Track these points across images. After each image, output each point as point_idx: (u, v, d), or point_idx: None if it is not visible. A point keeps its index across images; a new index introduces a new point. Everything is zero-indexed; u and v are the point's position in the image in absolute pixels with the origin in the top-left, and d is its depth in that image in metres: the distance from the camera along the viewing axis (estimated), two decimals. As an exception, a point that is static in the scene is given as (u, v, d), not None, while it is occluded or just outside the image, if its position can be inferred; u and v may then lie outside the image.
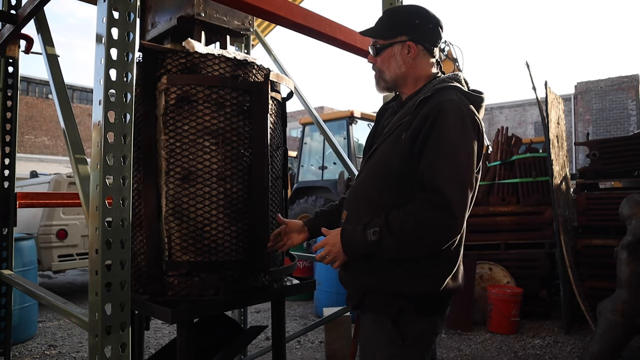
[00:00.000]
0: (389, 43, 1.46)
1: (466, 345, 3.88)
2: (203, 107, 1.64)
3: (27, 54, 2.60)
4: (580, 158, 18.45)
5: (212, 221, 1.64)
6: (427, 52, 1.45)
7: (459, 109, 1.28)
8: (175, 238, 1.61)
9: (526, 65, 4.31)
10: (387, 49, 1.46)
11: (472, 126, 1.29)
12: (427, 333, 1.36)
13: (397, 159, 1.32)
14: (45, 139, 20.49)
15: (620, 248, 2.98)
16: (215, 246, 1.64)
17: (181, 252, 1.61)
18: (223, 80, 1.68)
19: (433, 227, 1.22)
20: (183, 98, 1.63)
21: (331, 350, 3.37)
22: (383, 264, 1.34)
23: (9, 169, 2.58)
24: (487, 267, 4.64)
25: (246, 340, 2.14)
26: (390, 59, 1.46)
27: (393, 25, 1.47)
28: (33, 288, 2.11)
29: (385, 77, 1.49)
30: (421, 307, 1.34)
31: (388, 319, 1.33)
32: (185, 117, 1.63)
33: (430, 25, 1.45)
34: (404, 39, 1.44)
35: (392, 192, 1.34)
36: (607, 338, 2.90)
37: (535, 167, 4.84)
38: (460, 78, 1.43)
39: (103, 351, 1.29)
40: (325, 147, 8.34)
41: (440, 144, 1.25)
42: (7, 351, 2.61)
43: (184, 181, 1.62)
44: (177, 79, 1.64)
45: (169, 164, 1.63)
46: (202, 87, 1.64)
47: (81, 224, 5.68)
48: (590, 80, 18.93)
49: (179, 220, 1.61)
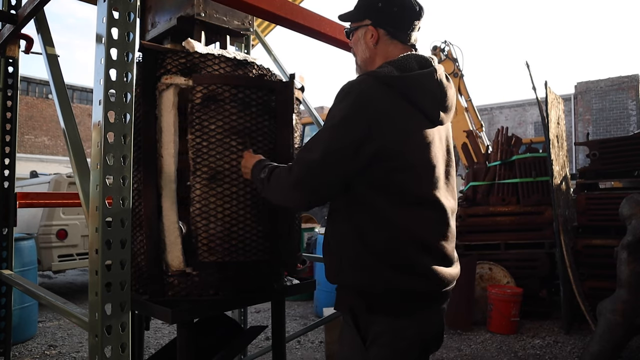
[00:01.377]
0: (355, 27, 1.44)
1: (466, 345, 3.88)
2: (229, 107, 1.64)
3: (27, 54, 2.60)
4: (580, 158, 18.45)
5: (240, 221, 1.63)
6: (391, 36, 1.38)
7: (349, 87, 1.26)
8: (202, 239, 1.61)
9: (526, 65, 4.31)
10: (354, 33, 1.45)
11: (352, 102, 1.22)
12: (386, 336, 1.24)
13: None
14: (45, 139, 20.50)
15: (620, 248, 2.98)
16: (242, 246, 1.64)
17: (208, 253, 1.60)
18: (249, 79, 1.70)
19: (283, 182, 1.32)
20: (209, 97, 1.62)
21: (331, 350, 3.37)
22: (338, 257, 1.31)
23: (9, 169, 2.58)
24: (487, 267, 4.64)
25: (246, 340, 2.14)
26: (357, 43, 1.44)
27: (360, 8, 1.43)
28: (33, 288, 2.11)
29: (357, 61, 1.48)
30: (375, 305, 1.26)
31: (348, 316, 1.31)
32: (212, 117, 1.63)
33: (395, 8, 1.36)
34: (367, 23, 1.40)
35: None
36: (607, 338, 2.90)
37: (535, 167, 4.84)
38: (407, 59, 1.31)
39: (103, 351, 1.29)
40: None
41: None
42: (7, 351, 2.60)
43: (211, 181, 1.61)
44: (202, 78, 1.64)
45: (195, 164, 1.62)
46: (228, 86, 1.64)
47: (81, 224, 5.68)
48: (590, 80, 18.93)
49: (206, 221, 1.61)
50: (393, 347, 1.25)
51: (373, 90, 1.23)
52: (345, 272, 1.30)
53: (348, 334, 1.32)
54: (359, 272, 1.26)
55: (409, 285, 1.25)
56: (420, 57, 1.34)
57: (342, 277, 1.32)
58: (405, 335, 1.26)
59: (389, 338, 1.25)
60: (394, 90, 1.24)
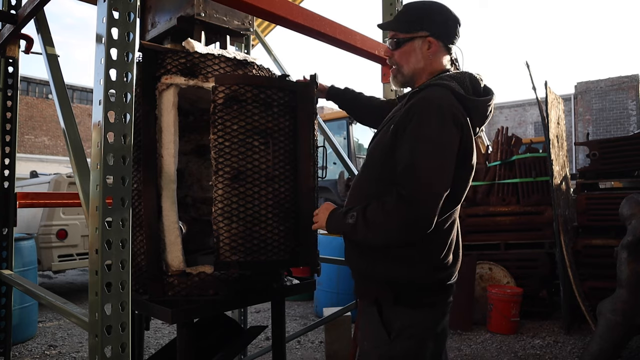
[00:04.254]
0: (410, 37, 1.46)
1: (466, 345, 3.88)
2: (252, 107, 1.64)
3: (27, 54, 2.60)
4: (580, 158, 18.44)
5: (262, 221, 1.64)
6: (445, 48, 1.46)
7: (439, 106, 1.28)
8: (224, 238, 1.61)
9: (526, 65, 4.31)
10: (407, 43, 1.46)
11: (451, 121, 1.27)
12: (411, 328, 1.33)
13: (380, 151, 1.38)
14: (45, 139, 20.49)
15: (620, 248, 2.98)
16: (264, 246, 1.64)
17: (230, 252, 1.61)
18: (270, 80, 1.72)
19: (397, 219, 1.24)
20: (232, 97, 1.63)
21: (331, 350, 3.37)
22: (370, 249, 1.37)
23: (9, 169, 2.58)
24: (487, 267, 4.64)
25: (246, 340, 2.14)
26: (411, 53, 1.46)
27: (415, 19, 1.46)
28: (33, 288, 2.11)
29: (403, 72, 1.50)
30: (401, 296, 1.33)
31: (374, 308, 1.36)
32: (235, 117, 1.63)
33: (450, 22, 1.45)
34: (424, 34, 1.44)
35: (375, 182, 1.39)
36: (607, 338, 2.90)
37: (535, 167, 4.84)
38: (465, 77, 1.40)
39: (103, 351, 1.29)
40: (325, 147, 8.33)
41: (414, 138, 1.27)
42: (7, 351, 2.60)
43: (234, 181, 1.61)
44: (225, 79, 1.64)
45: (217, 164, 1.62)
46: (250, 86, 1.64)
47: (81, 224, 5.67)
48: (590, 80, 18.92)
49: (228, 220, 1.61)
50: (417, 339, 1.33)
51: (457, 110, 1.30)
52: (377, 262, 1.36)
53: (371, 327, 1.37)
54: (392, 264, 1.33)
55: (438, 278, 1.35)
56: (473, 77, 1.43)
57: (371, 268, 1.37)
58: (428, 327, 1.36)
59: (415, 330, 1.33)
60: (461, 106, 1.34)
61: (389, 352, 1.33)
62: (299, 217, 1.72)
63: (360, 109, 1.99)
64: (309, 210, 1.72)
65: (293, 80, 1.90)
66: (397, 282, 1.33)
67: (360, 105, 1.98)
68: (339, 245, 4.39)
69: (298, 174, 1.72)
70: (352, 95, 1.99)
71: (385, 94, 2.60)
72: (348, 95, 1.99)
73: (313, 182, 1.74)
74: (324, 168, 9.24)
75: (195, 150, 2.31)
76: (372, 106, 1.95)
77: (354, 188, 1.51)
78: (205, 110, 2.07)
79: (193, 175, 2.32)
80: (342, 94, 2.00)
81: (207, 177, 2.29)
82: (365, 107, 1.97)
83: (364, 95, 1.99)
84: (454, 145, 1.28)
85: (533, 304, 4.54)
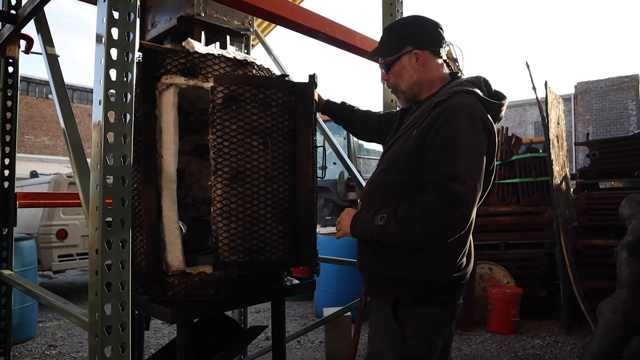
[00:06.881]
0: (396, 57, 1.51)
1: (466, 345, 3.88)
2: (250, 107, 1.64)
3: (27, 54, 2.60)
4: (580, 158, 18.44)
5: (260, 221, 1.64)
6: (433, 55, 1.50)
7: (471, 113, 1.31)
8: (223, 238, 1.60)
9: (526, 65, 4.31)
10: (396, 63, 1.52)
11: (482, 128, 1.32)
12: (426, 327, 1.37)
13: (407, 155, 1.38)
14: (45, 139, 20.50)
15: (620, 248, 2.98)
16: (263, 246, 1.64)
17: (229, 253, 1.60)
18: (269, 80, 1.72)
19: (437, 219, 1.25)
20: (230, 97, 1.62)
21: (331, 350, 3.37)
22: (389, 250, 1.39)
23: (9, 169, 2.58)
24: (487, 267, 4.64)
25: (246, 340, 2.14)
26: (402, 71, 1.51)
27: (396, 39, 1.52)
28: (33, 288, 2.11)
29: (402, 89, 1.54)
30: (421, 297, 1.36)
31: (389, 307, 1.38)
32: (233, 117, 1.62)
33: (430, 29, 1.50)
34: (409, 49, 1.48)
35: (401, 185, 1.40)
36: (607, 338, 2.90)
37: (535, 167, 4.84)
38: (481, 82, 1.45)
39: (103, 351, 1.29)
40: (325, 147, 8.33)
41: (450, 142, 1.28)
42: (7, 351, 2.60)
43: (232, 181, 1.61)
44: (223, 78, 1.64)
45: (216, 164, 1.62)
46: (249, 86, 1.64)
47: (81, 224, 5.67)
48: (590, 80, 18.92)
49: (227, 221, 1.60)
50: (429, 338, 1.38)
51: (485, 116, 1.35)
52: (395, 263, 1.38)
53: (385, 327, 1.39)
54: (411, 265, 1.36)
55: (455, 278, 1.39)
56: (487, 81, 1.47)
57: (389, 269, 1.39)
58: (440, 327, 1.40)
59: (428, 330, 1.37)
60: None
61: (402, 352, 1.35)
62: (298, 217, 1.72)
63: (357, 124, 2.00)
64: (308, 210, 1.72)
65: (292, 80, 1.90)
66: (416, 282, 1.36)
67: (357, 120, 1.99)
68: (338, 245, 4.39)
69: (297, 174, 1.72)
70: (349, 110, 2.02)
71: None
72: (345, 110, 2.02)
73: (312, 182, 1.74)
74: (324, 168, 9.27)
75: (195, 150, 2.31)
76: (370, 120, 1.97)
77: (369, 192, 1.52)
78: (205, 110, 2.07)
79: (193, 175, 2.32)
80: (339, 108, 2.02)
81: (207, 177, 2.29)
82: (362, 122, 1.99)
83: (360, 109, 2.02)
84: (485, 151, 1.33)
85: (533, 304, 4.54)
